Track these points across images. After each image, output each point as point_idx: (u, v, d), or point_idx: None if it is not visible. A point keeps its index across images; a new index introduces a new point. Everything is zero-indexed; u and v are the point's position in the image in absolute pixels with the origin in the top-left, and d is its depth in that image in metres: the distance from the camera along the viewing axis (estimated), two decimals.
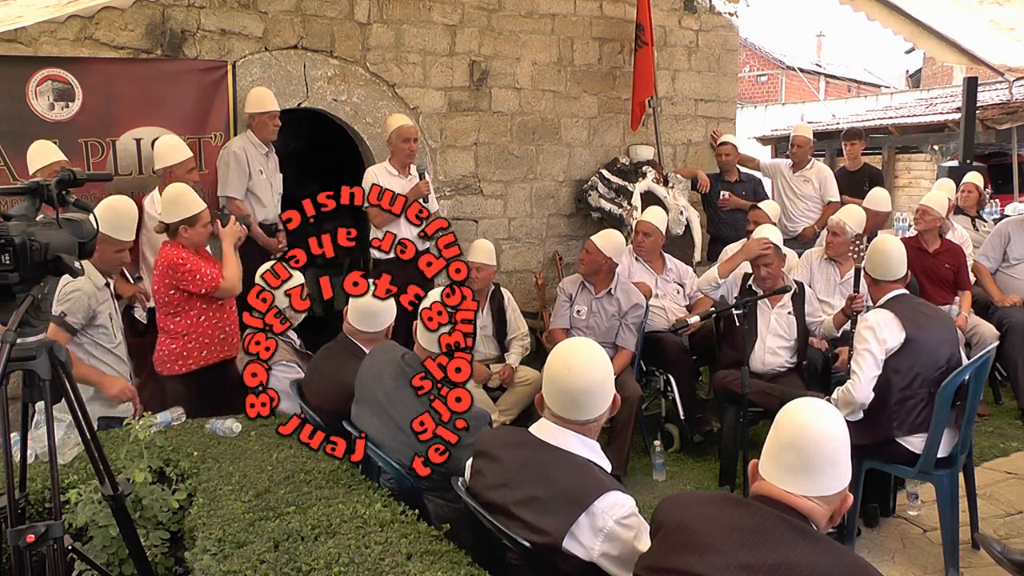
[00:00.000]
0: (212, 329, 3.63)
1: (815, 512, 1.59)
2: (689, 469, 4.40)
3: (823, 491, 1.59)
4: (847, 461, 1.63)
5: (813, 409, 1.65)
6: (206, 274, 3.52)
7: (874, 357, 3.23)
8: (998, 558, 2.93)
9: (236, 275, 3.62)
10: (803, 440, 1.60)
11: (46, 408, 1.84)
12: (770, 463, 1.64)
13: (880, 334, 3.25)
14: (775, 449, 1.64)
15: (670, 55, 6.65)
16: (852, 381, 3.25)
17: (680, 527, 1.64)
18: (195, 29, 4.75)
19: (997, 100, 10.14)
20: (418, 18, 5.48)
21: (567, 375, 1.95)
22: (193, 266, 3.50)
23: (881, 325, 3.28)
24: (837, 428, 1.63)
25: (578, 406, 1.95)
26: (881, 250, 3.55)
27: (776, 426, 1.66)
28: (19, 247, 1.73)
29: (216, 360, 3.65)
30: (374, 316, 3.08)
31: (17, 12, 3.72)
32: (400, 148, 4.77)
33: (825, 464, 1.59)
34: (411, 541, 2.00)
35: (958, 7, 5.64)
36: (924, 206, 5.08)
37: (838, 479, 1.61)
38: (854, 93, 22.66)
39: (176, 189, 3.61)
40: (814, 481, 1.59)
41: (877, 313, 3.36)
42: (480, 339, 4.53)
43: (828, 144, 11.62)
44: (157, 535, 2.41)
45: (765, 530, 1.53)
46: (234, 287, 3.61)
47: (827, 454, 1.60)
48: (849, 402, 3.24)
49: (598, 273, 4.42)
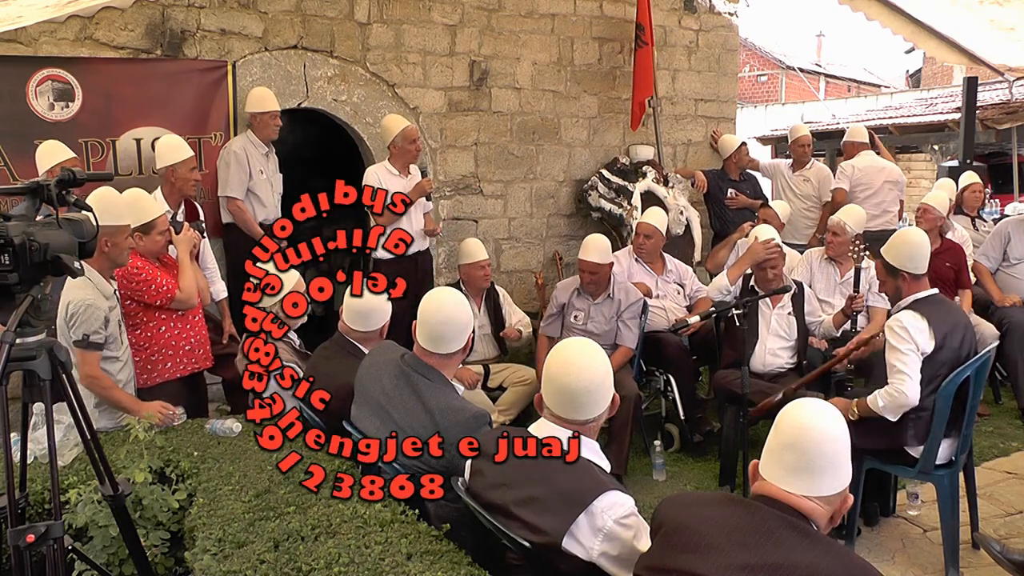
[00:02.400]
0: (176, 340, 3.49)
1: (815, 512, 1.58)
2: (689, 469, 4.40)
3: (823, 491, 1.59)
4: (848, 462, 1.62)
5: (814, 409, 1.64)
6: (162, 284, 3.38)
7: (918, 357, 3.14)
8: (997, 558, 2.93)
9: (192, 286, 3.49)
10: (804, 440, 1.59)
11: (46, 408, 1.84)
12: (770, 463, 1.64)
13: (916, 337, 3.16)
14: (775, 449, 1.64)
15: (670, 55, 6.65)
16: (901, 381, 3.11)
17: (680, 527, 1.64)
18: (195, 29, 4.75)
19: (997, 100, 10.14)
20: (418, 18, 5.48)
21: (566, 375, 1.95)
22: (149, 276, 3.36)
23: (916, 330, 3.17)
24: (838, 428, 1.62)
25: (577, 406, 1.95)
26: (908, 240, 3.35)
27: (777, 426, 1.66)
28: (18, 247, 1.73)
29: (185, 373, 3.54)
30: (366, 315, 3.09)
31: (17, 12, 3.72)
32: (407, 149, 4.77)
33: (826, 464, 1.59)
34: (411, 541, 2.00)
35: (958, 7, 5.64)
36: (925, 205, 5.08)
37: (838, 480, 1.60)
38: (854, 93, 22.69)
39: (131, 194, 3.37)
40: (814, 481, 1.58)
41: (910, 316, 3.21)
42: (478, 339, 4.54)
43: (828, 144, 11.62)
44: (157, 535, 2.41)
45: (766, 530, 1.53)
46: (190, 298, 3.48)
47: (828, 455, 1.59)
48: (901, 404, 3.12)
49: (602, 282, 4.41)
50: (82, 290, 3.00)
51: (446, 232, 5.68)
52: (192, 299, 3.51)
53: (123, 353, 3.28)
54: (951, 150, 11.31)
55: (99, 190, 3.16)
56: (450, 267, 5.61)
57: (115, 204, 3.14)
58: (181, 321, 3.54)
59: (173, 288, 3.42)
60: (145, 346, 3.47)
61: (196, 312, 3.63)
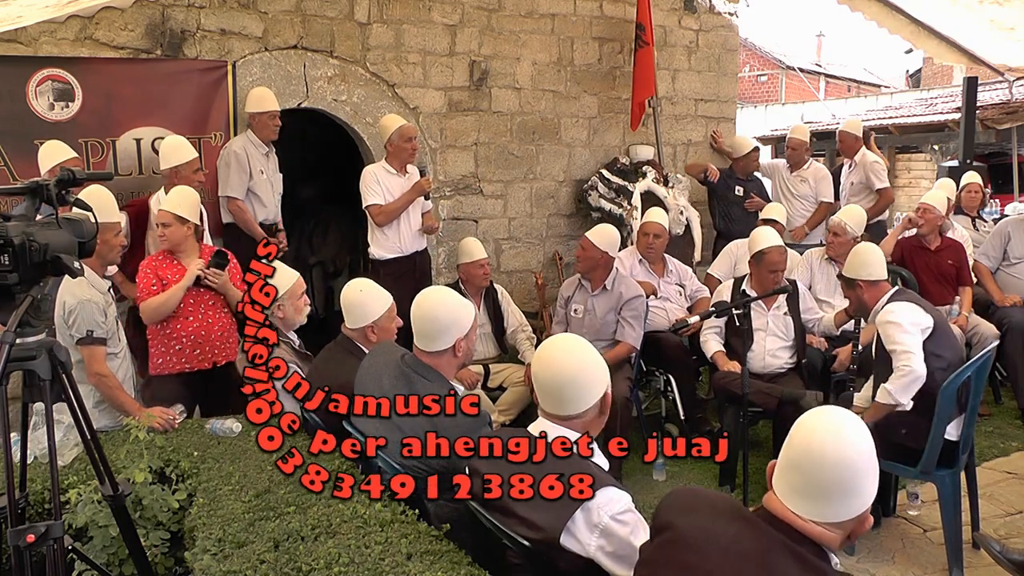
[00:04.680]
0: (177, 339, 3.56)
1: (824, 537, 1.46)
2: (689, 469, 4.40)
3: (833, 518, 1.45)
4: (870, 484, 1.46)
5: (829, 429, 1.46)
6: (141, 288, 3.50)
7: (917, 335, 3.18)
8: (998, 558, 2.93)
9: (150, 306, 3.48)
10: (812, 466, 1.44)
11: (46, 408, 1.84)
12: (780, 477, 1.51)
13: (911, 318, 3.23)
14: (785, 465, 1.50)
15: (670, 55, 6.65)
16: (906, 358, 3.13)
17: (682, 540, 1.56)
18: (195, 29, 4.75)
19: (997, 100, 10.13)
20: (418, 18, 5.48)
21: (548, 369, 1.98)
22: (141, 276, 3.49)
23: (907, 311, 3.25)
24: (856, 452, 1.44)
25: (563, 399, 1.96)
26: (858, 251, 3.59)
27: (790, 438, 1.51)
28: (18, 247, 1.73)
29: (186, 370, 3.58)
30: (350, 311, 3.08)
31: (17, 12, 3.71)
32: (403, 148, 4.76)
33: (837, 492, 1.44)
34: (411, 541, 2.00)
35: (958, 7, 5.64)
36: (925, 204, 5.08)
37: (853, 506, 1.46)
38: (854, 93, 22.68)
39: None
40: (821, 508, 1.45)
41: (895, 304, 3.31)
42: (478, 338, 4.53)
43: (828, 144, 11.61)
44: (157, 535, 2.41)
45: (764, 563, 1.43)
46: (144, 314, 3.51)
47: (842, 482, 1.43)
48: (911, 381, 3.12)
49: (595, 269, 4.38)
50: (78, 287, 3.01)
51: (446, 232, 5.68)
52: (148, 318, 3.52)
53: (121, 350, 3.32)
54: (951, 150, 11.30)
55: (90, 187, 3.19)
56: (450, 267, 5.61)
57: (106, 201, 3.19)
58: (172, 320, 3.57)
59: (143, 297, 3.49)
60: (149, 338, 3.57)
61: (192, 313, 3.63)
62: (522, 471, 1.91)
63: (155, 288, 3.51)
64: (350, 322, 3.10)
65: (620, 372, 4.16)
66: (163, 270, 3.56)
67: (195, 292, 3.60)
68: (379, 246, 4.74)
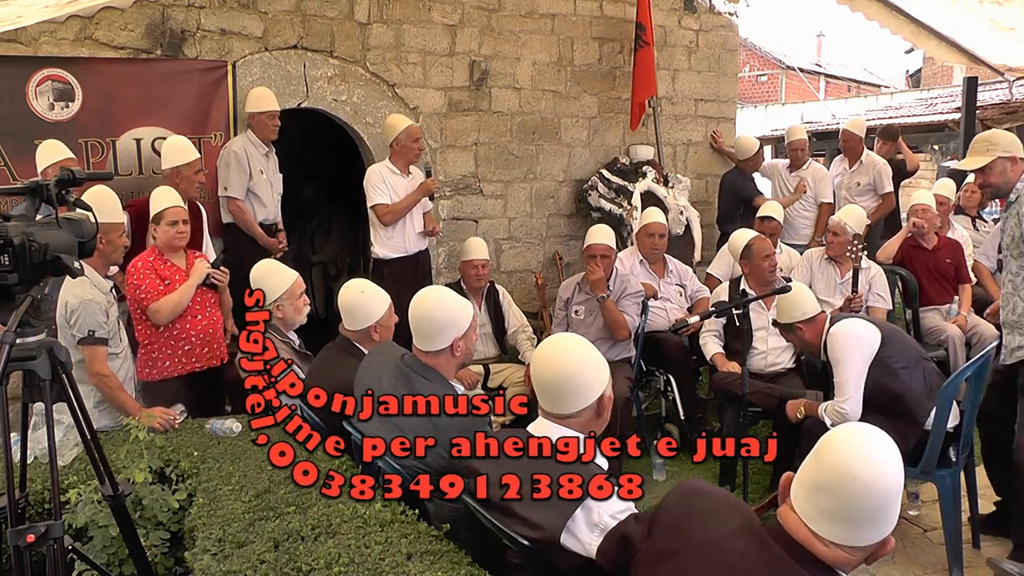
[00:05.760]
0: (175, 339, 3.54)
1: (842, 561, 1.40)
2: (689, 469, 4.39)
3: (861, 542, 1.39)
4: (896, 509, 1.41)
5: (865, 452, 1.39)
6: (145, 290, 3.47)
7: (863, 366, 3.20)
8: None
9: (167, 306, 3.47)
10: (848, 492, 1.36)
11: (46, 408, 1.84)
12: (804, 497, 1.42)
13: (856, 331, 3.25)
14: (812, 485, 1.41)
15: (670, 55, 6.65)
16: (844, 399, 3.19)
17: (688, 550, 1.53)
18: (195, 29, 4.75)
19: (997, 100, 10.12)
20: (418, 18, 5.48)
21: (545, 367, 1.98)
22: (138, 280, 3.47)
23: (851, 326, 3.28)
24: (891, 476, 1.39)
25: (560, 398, 1.97)
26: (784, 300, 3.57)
27: (818, 456, 1.43)
28: (18, 248, 1.73)
29: (186, 371, 3.57)
30: (352, 313, 3.08)
31: (17, 12, 3.72)
32: (410, 148, 4.76)
33: (869, 517, 1.38)
34: (411, 541, 2.00)
35: (958, 7, 5.64)
36: (922, 204, 5.09)
37: (880, 530, 1.40)
38: (854, 93, 22.68)
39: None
40: (850, 532, 1.38)
41: (839, 324, 3.32)
42: (479, 338, 4.53)
43: (828, 144, 11.61)
44: (157, 535, 2.42)
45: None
46: (157, 315, 3.47)
47: (875, 508, 1.37)
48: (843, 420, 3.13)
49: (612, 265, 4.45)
50: (79, 287, 3.01)
51: (446, 232, 5.68)
52: (159, 318, 3.49)
53: (122, 350, 3.32)
54: (951, 150, 11.30)
55: (94, 188, 3.21)
56: (450, 267, 5.61)
57: (109, 202, 3.21)
58: (181, 321, 3.56)
59: (149, 299, 3.47)
60: (146, 343, 3.54)
61: (200, 312, 3.64)
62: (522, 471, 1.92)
63: (161, 288, 3.50)
64: (352, 323, 3.09)
65: (620, 372, 4.17)
66: (162, 270, 3.56)
67: (200, 291, 3.62)
68: (383, 246, 4.75)
